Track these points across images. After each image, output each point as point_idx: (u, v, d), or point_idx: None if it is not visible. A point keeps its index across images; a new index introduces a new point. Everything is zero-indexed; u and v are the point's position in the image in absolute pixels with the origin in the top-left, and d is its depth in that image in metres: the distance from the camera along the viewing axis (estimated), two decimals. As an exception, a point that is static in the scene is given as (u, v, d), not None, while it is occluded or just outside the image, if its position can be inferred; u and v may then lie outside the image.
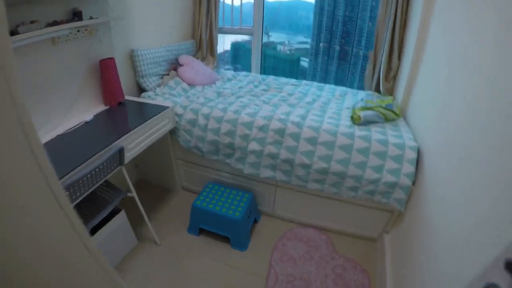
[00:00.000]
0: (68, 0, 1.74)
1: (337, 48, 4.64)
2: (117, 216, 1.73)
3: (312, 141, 1.74)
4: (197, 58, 2.80)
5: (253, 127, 1.84)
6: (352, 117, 1.92)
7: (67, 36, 1.76)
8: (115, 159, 1.53)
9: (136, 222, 1.95)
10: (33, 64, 1.64)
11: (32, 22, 1.55)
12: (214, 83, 2.59)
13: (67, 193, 1.28)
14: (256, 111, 1.93)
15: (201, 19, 2.79)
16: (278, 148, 1.80)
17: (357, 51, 4.54)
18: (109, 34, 2.04)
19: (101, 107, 2.04)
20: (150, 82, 2.35)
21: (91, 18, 1.83)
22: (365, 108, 1.97)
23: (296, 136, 1.76)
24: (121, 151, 1.53)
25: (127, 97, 2.17)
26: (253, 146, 1.84)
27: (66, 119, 1.84)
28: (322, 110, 2.04)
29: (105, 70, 1.96)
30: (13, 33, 1.45)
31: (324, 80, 4.66)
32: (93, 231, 1.58)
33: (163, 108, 1.96)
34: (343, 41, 4.53)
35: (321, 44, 4.49)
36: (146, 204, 2.25)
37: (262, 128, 1.83)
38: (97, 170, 1.40)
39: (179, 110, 2.04)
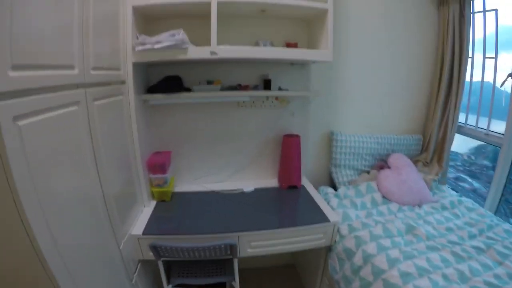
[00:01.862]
0: (262, 66, 1.70)
1: None
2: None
3: None
4: (418, 162, 2.09)
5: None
6: None
7: (253, 102, 1.75)
8: (225, 249, 1.37)
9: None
10: (215, 119, 1.76)
11: (209, 82, 1.60)
12: (420, 206, 1.80)
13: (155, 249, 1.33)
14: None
15: (435, 111, 2.02)
16: None
17: None
18: (304, 109, 1.87)
19: (268, 182, 1.93)
20: (341, 175, 2.01)
21: (280, 89, 1.72)
22: None
23: None
24: (232, 247, 1.36)
25: (305, 182, 1.94)
26: None
27: (228, 179, 1.88)
28: None
29: (287, 147, 1.83)
30: (188, 89, 1.56)
31: None
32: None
33: (325, 219, 1.55)
34: None
35: None
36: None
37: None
38: (194, 251, 1.33)
39: (343, 230, 1.56)
